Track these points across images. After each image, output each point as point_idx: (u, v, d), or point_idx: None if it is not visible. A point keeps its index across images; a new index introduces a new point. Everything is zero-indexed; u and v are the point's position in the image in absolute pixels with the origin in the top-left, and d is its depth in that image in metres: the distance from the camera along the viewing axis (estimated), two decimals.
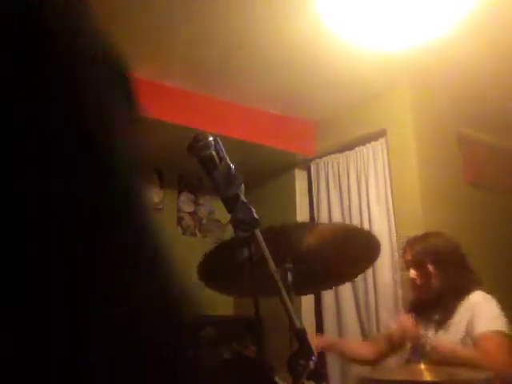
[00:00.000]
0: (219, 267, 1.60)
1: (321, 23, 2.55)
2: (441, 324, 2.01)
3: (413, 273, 2.05)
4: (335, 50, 2.79)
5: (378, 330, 3.01)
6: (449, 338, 1.97)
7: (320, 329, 3.46)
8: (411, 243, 2.11)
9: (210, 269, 1.60)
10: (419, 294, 2.07)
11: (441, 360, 1.80)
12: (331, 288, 3.07)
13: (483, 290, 2.04)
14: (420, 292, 2.06)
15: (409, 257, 2.08)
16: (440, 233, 2.17)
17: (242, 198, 0.97)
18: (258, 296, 0.99)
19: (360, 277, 3.13)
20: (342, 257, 1.68)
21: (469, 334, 1.92)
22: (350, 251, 1.68)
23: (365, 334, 3.17)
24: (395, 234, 3.09)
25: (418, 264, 2.05)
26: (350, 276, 2.04)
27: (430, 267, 2.03)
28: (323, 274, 1.75)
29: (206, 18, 2.49)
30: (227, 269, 1.57)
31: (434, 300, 2.05)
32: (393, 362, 2.43)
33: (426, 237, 2.14)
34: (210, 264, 1.58)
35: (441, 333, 2.00)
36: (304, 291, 2.36)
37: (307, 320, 3.46)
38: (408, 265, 2.09)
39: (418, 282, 2.04)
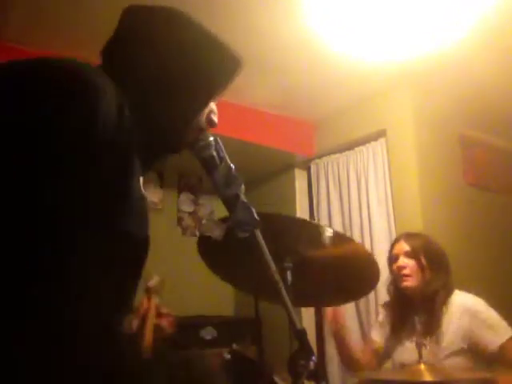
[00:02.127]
0: (220, 249, 1.57)
1: (323, 26, 2.55)
2: (429, 331, 1.95)
3: (404, 261, 2.06)
4: (336, 51, 2.79)
5: None
6: (441, 354, 1.92)
7: (320, 329, 3.46)
8: (408, 237, 2.14)
9: (210, 247, 1.58)
10: (406, 284, 2.04)
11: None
12: (332, 305, 3.05)
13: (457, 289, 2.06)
14: (407, 281, 2.04)
15: (406, 248, 2.09)
16: (428, 235, 2.22)
17: (243, 198, 0.97)
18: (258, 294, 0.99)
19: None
20: (342, 275, 1.69)
21: (475, 344, 1.90)
22: (351, 272, 1.68)
23: (365, 336, 3.17)
24: (395, 234, 3.09)
25: (414, 256, 2.06)
26: (350, 296, 2.05)
27: (423, 261, 2.05)
28: (323, 290, 1.75)
29: (205, 21, 2.48)
30: (231, 254, 1.54)
31: (421, 297, 2.03)
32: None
33: (420, 234, 2.19)
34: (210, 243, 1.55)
35: (432, 345, 1.93)
36: (304, 304, 2.35)
37: (307, 321, 3.46)
38: (399, 256, 2.09)
39: (407, 271, 2.05)
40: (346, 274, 1.67)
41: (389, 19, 2.51)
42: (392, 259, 2.13)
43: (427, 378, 1.57)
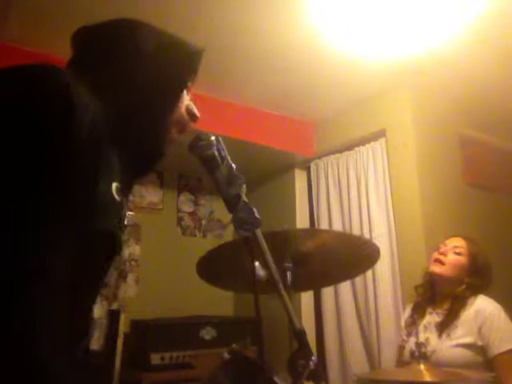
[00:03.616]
0: (220, 266, 1.60)
1: (322, 26, 2.55)
2: (444, 327, 2.02)
3: (449, 251, 2.13)
4: (335, 51, 2.79)
5: (378, 331, 3.00)
6: (451, 343, 1.97)
7: (320, 330, 3.46)
8: (468, 239, 2.22)
9: (210, 265, 1.61)
10: (434, 268, 2.12)
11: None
12: (330, 285, 3.09)
13: (485, 294, 2.11)
14: (437, 266, 2.12)
15: (461, 244, 2.16)
16: (485, 251, 2.27)
17: (244, 197, 0.97)
18: (258, 293, 0.99)
19: (359, 276, 3.13)
20: (340, 259, 1.71)
21: (483, 347, 1.93)
22: (350, 256, 1.71)
23: (364, 336, 3.17)
24: (395, 234, 3.09)
25: (461, 253, 2.13)
26: (348, 275, 2.09)
27: (467, 264, 2.11)
28: (321, 272, 1.77)
29: (206, 21, 2.48)
30: (228, 267, 1.58)
31: (444, 291, 2.09)
32: (392, 363, 2.42)
33: (480, 245, 2.24)
34: (211, 262, 1.59)
35: (444, 336, 2.00)
36: (302, 288, 2.39)
37: (307, 321, 3.46)
38: (448, 245, 2.16)
39: (445, 259, 2.12)
40: (345, 259, 1.70)
41: (389, 19, 2.51)
42: (440, 246, 2.20)
43: (427, 378, 1.57)
